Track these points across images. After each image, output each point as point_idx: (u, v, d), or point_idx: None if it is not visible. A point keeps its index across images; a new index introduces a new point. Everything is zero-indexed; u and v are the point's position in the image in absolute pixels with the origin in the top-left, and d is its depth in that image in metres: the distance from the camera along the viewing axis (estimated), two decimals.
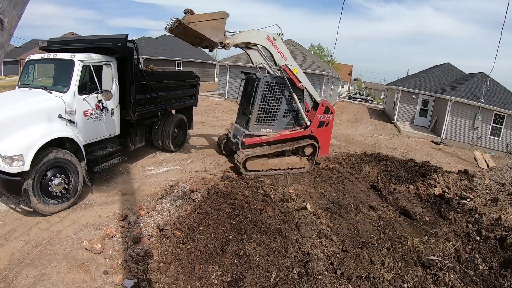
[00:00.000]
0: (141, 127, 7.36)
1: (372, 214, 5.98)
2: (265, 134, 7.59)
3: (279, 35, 7.05)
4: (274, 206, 4.99)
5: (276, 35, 6.98)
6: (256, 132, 7.54)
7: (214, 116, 15.61)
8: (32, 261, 3.81)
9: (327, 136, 8.20)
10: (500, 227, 5.13)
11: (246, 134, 7.47)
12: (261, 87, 7.29)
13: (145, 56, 23.51)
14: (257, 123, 7.53)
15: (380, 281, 3.68)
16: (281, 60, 7.12)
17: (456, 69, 23.15)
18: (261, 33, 6.90)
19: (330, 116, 8.06)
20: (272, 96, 7.46)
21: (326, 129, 8.11)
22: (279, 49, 7.06)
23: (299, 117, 7.83)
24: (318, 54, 49.10)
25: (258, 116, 7.47)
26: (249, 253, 3.93)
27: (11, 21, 1.54)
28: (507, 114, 16.18)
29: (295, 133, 7.81)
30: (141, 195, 5.85)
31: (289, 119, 7.88)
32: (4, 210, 4.90)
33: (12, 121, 4.49)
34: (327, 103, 7.98)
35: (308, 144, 7.91)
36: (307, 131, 7.80)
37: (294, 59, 7.42)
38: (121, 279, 3.70)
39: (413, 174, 8.62)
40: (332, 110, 8.09)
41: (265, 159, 7.54)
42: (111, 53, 6.02)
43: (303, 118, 7.74)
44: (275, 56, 7.07)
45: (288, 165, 7.84)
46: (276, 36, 6.98)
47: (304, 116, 7.72)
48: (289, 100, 7.65)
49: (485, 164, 13.12)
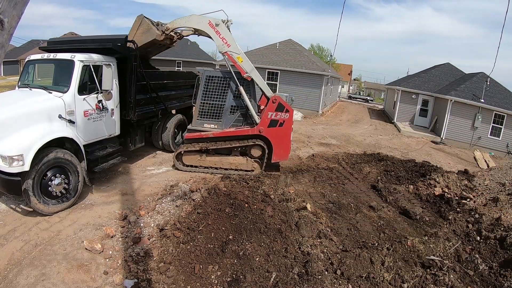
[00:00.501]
0: (141, 127, 7.36)
1: (372, 214, 5.98)
2: (207, 130, 7.19)
3: (225, 21, 6.75)
4: (274, 206, 4.99)
5: (219, 20, 6.66)
6: (199, 127, 7.22)
7: None
8: (32, 261, 3.81)
9: (283, 138, 7.28)
10: (500, 227, 5.13)
11: (189, 129, 7.30)
12: (202, 81, 7.07)
13: None
14: (200, 118, 7.22)
15: (380, 281, 3.68)
16: (223, 47, 6.75)
17: (456, 69, 23.15)
18: (203, 18, 6.66)
19: (285, 115, 7.12)
20: (217, 91, 7.09)
21: (281, 130, 7.18)
22: (222, 35, 6.72)
23: (249, 114, 7.16)
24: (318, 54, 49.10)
25: (200, 111, 7.19)
26: (249, 253, 3.93)
27: (11, 21, 1.54)
28: (507, 114, 16.18)
29: (239, 131, 7.15)
30: (141, 195, 5.85)
31: (238, 116, 7.28)
32: (4, 210, 4.90)
33: (12, 121, 4.49)
34: (280, 99, 7.14)
35: (255, 145, 7.19)
36: (254, 130, 7.07)
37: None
38: (121, 279, 3.70)
39: (413, 174, 8.62)
40: (289, 108, 7.20)
41: (203, 156, 7.22)
42: (111, 53, 6.02)
43: (252, 115, 7.06)
44: (217, 42, 6.76)
45: (231, 165, 7.33)
46: (219, 21, 6.66)
47: (253, 113, 7.04)
48: (236, 95, 7.13)
49: (485, 164, 13.12)
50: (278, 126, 7.17)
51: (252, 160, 7.39)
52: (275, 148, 7.26)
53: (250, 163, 7.40)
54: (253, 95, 7.26)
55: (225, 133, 7.17)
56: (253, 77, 7.06)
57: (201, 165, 7.29)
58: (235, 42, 6.94)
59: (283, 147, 7.38)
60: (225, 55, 6.95)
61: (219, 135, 7.15)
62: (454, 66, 23.58)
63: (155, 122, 7.96)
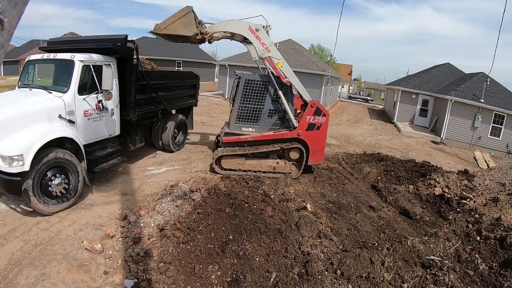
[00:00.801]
0: (141, 127, 7.36)
1: (372, 214, 5.98)
2: (245, 133, 7.27)
3: (265, 27, 6.77)
4: (274, 206, 4.99)
5: (260, 26, 6.69)
6: (237, 131, 7.27)
7: (214, 116, 15.61)
8: (32, 261, 3.81)
9: (320, 141, 7.47)
10: (500, 227, 5.13)
11: (226, 133, 7.32)
12: (241, 85, 7.11)
13: (145, 56, 23.51)
14: (238, 122, 7.28)
15: (380, 281, 3.68)
16: (263, 52, 6.84)
17: (456, 69, 23.15)
18: (243, 23, 6.69)
19: (322, 119, 7.28)
20: (255, 95, 7.14)
21: (318, 133, 7.34)
22: (262, 40, 6.77)
23: (287, 118, 7.30)
24: (318, 54, 49.11)
25: (239, 114, 7.24)
26: (249, 253, 3.93)
27: (11, 21, 1.54)
28: (507, 114, 16.18)
29: (278, 135, 7.26)
30: (141, 195, 5.85)
31: (275, 119, 7.37)
32: (4, 210, 4.90)
33: (12, 121, 4.49)
34: (318, 104, 7.31)
35: (294, 148, 7.34)
36: (293, 133, 7.22)
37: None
38: (121, 279, 3.70)
39: (413, 174, 8.62)
40: (325, 112, 7.38)
41: (243, 159, 7.29)
42: (111, 53, 6.01)
43: (291, 119, 7.19)
44: (257, 47, 6.80)
45: (270, 168, 7.41)
46: (259, 27, 6.69)
47: (291, 117, 7.18)
48: (275, 99, 7.19)
49: (485, 164, 13.12)
50: (315, 130, 7.32)
51: (290, 163, 7.51)
52: (312, 150, 7.39)
53: (288, 165, 7.50)
54: (290, 99, 7.38)
55: (265, 136, 7.27)
56: (292, 82, 7.18)
57: (240, 169, 7.31)
58: (274, 47, 7.02)
59: (319, 149, 7.53)
60: (265, 60, 7.01)
61: (258, 138, 7.24)
62: (454, 66, 23.58)
63: (155, 122, 7.96)
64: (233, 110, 7.30)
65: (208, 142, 10.20)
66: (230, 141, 7.20)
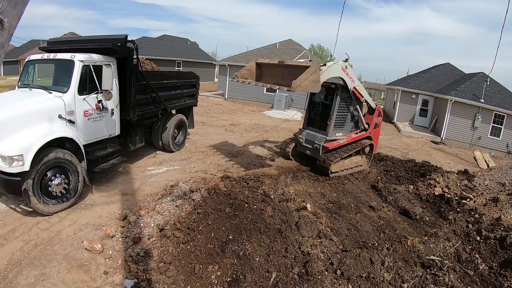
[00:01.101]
0: (141, 127, 7.36)
1: (372, 214, 5.98)
2: (338, 138, 8.46)
3: (346, 61, 7.79)
4: (274, 206, 4.99)
5: (346, 64, 7.74)
6: (333, 137, 8.35)
7: (214, 116, 15.61)
8: (32, 261, 3.81)
9: (378, 136, 9.65)
10: (500, 227, 5.14)
11: (327, 140, 8.22)
12: (337, 98, 8.18)
13: (145, 56, 23.51)
14: (334, 129, 8.36)
15: (380, 281, 3.68)
16: (351, 84, 7.98)
17: (456, 69, 23.13)
18: (337, 65, 7.60)
19: (380, 119, 9.42)
20: (344, 105, 8.43)
21: (378, 130, 9.48)
22: (350, 75, 7.86)
23: (359, 121, 8.94)
24: (318, 54, 49.09)
25: (336, 123, 8.33)
26: (249, 253, 3.93)
27: (11, 21, 1.54)
28: (507, 114, 16.17)
29: (360, 135, 8.84)
30: (141, 195, 5.85)
31: (353, 123, 8.86)
32: (4, 210, 4.90)
33: (12, 121, 4.48)
34: (380, 108, 9.30)
35: (368, 144, 8.98)
36: (367, 133, 8.94)
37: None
38: (121, 279, 3.70)
39: (413, 174, 8.63)
40: (382, 112, 9.43)
41: (342, 161, 8.29)
42: (111, 53, 6.01)
43: (363, 122, 8.82)
44: (347, 82, 7.84)
45: (355, 163, 8.73)
46: (347, 65, 7.76)
47: (363, 121, 8.79)
48: (352, 107, 8.58)
49: (485, 164, 13.12)
50: (377, 128, 9.39)
51: (364, 156, 9.08)
52: (375, 144, 9.39)
53: (364, 159, 9.10)
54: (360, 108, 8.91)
55: (353, 138, 8.71)
56: (366, 99, 8.67)
57: (341, 169, 8.32)
58: (355, 75, 8.14)
59: (377, 142, 9.62)
60: (352, 91, 8.08)
61: (350, 141, 8.61)
62: (454, 66, 23.56)
63: (155, 122, 7.95)
64: (331, 120, 8.23)
65: (208, 142, 10.20)
66: (334, 147, 8.29)
